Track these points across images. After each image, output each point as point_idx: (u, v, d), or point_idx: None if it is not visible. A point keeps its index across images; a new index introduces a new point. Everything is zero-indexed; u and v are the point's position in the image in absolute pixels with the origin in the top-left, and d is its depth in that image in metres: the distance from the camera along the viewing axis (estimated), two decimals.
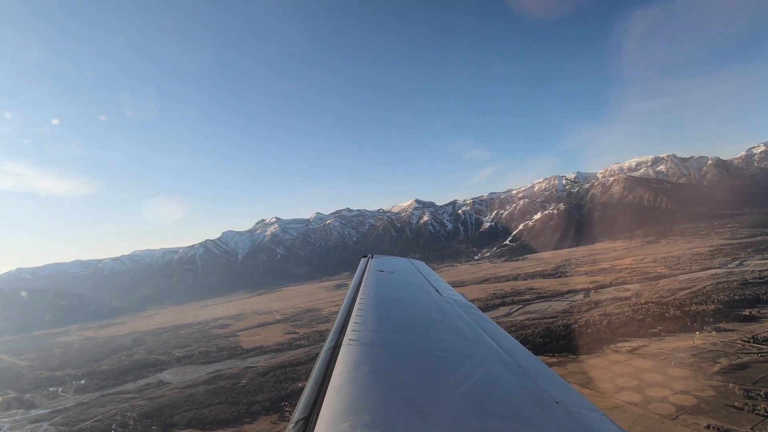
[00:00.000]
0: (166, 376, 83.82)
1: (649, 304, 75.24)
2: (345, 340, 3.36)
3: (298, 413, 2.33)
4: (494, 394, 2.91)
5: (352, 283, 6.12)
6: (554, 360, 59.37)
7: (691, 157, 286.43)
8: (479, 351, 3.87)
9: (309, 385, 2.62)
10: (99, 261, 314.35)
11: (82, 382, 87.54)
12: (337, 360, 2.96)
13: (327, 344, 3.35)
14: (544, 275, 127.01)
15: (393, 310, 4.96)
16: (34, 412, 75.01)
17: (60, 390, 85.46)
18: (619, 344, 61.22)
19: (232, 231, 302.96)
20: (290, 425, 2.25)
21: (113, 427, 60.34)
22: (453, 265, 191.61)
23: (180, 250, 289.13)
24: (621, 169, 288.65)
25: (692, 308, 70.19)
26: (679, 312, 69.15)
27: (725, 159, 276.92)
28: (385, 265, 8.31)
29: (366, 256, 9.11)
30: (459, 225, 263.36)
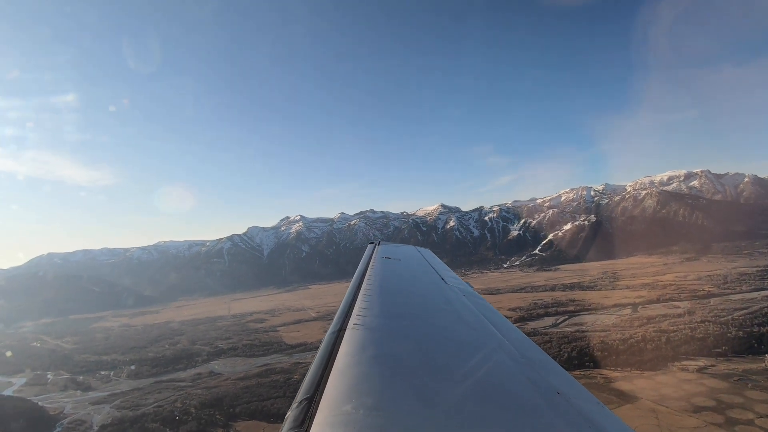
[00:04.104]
0: (215, 366, 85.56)
1: (707, 323, 73.61)
2: (350, 324, 3.39)
3: (301, 394, 2.35)
4: (496, 383, 2.94)
5: (358, 268, 6.15)
6: (618, 374, 58.79)
7: (727, 174, 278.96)
8: (483, 339, 3.91)
9: (313, 367, 2.70)
10: (126, 250, 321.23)
11: (133, 367, 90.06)
12: (342, 343, 3.00)
13: (331, 328, 3.38)
14: (582, 287, 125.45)
15: (398, 296, 5.03)
16: (91, 394, 77.58)
17: (112, 374, 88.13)
18: (684, 362, 60.18)
19: (257, 227, 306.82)
20: (293, 405, 2.27)
21: (175, 414, 61.85)
22: (482, 272, 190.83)
23: (207, 243, 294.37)
24: (652, 183, 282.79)
25: (755, 330, 68.58)
26: (741, 333, 67.56)
27: (762, 177, 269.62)
28: (392, 252, 8.30)
29: (372, 242, 9.03)
30: (486, 232, 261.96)
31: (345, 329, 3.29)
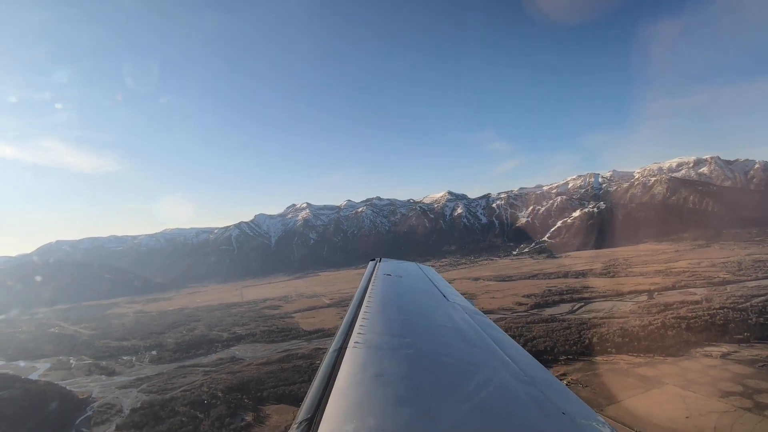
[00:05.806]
0: (236, 352, 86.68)
1: (725, 310, 73.89)
2: (351, 343, 3.38)
3: (302, 414, 2.34)
4: (500, 402, 2.90)
5: (360, 285, 6.16)
6: (642, 360, 59.33)
7: (737, 160, 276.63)
8: (486, 358, 3.88)
9: (313, 387, 2.69)
10: (134, 237, 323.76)
11: (154, 353, 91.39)
12: (343, 362, 2.99)
13: (332, 346, 3.36)
14: (595, 274, 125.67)
15: (400, 314, 4.99)
16: (116, 379, 78.96)
17: (134, 359, 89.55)
18: (707, 348, 60.66)
19: (263, 214, 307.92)
20: (294, 426, 2.26)
21: (203, 398, 62.96)
22: (492, 259, 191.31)
23: (215, 230, 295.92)
24: (660, 169, 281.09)
25: None
26: (762, 319, 67.94)
27: None
28: (393, 269, 8.37)
29: (374, 259, 9.14)
30: (494, 219, 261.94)
31: (346, 347, 3.28)
